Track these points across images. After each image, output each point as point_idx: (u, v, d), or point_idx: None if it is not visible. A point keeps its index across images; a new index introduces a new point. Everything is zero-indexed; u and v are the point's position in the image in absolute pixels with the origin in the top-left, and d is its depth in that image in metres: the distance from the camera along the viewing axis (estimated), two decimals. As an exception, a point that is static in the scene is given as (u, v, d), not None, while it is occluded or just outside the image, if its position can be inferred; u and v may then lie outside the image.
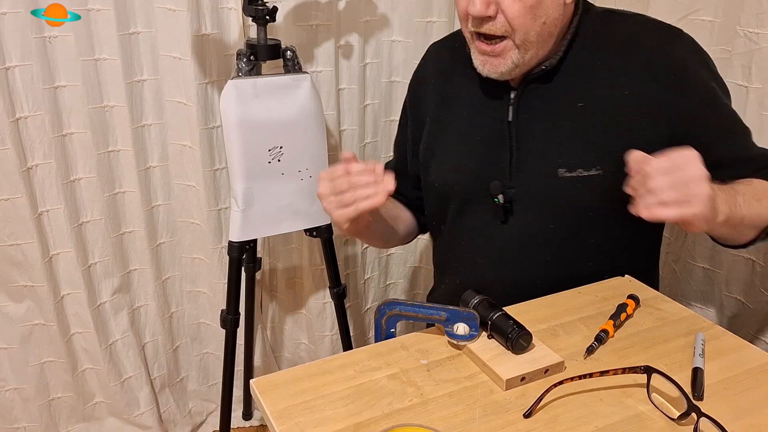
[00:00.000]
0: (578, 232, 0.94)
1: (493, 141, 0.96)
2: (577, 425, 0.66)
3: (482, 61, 0.90)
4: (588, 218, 0.93)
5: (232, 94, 1.17)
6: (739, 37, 1.20)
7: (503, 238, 0.97)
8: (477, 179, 0.97)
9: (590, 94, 0.91)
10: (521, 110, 0.94)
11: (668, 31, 0.92)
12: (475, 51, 0.91)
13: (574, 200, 0.92)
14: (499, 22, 0.85)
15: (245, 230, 1.28)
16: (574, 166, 0.90)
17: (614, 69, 0.90)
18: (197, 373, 1.73)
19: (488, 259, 1.00)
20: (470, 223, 1.01)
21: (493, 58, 0.89)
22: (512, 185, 0.94)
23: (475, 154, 0.98)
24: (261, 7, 1.18)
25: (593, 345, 0.78)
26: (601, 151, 0.90)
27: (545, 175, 0.92)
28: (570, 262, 0.96)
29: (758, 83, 1.19)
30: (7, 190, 1.32)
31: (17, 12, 1.21)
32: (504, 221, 0.96)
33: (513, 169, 0.95)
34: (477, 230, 1.00)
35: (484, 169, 0.97)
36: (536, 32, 0.86)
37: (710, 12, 1.24)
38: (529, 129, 0.94)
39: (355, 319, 1.81)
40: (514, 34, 0.85)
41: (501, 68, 0.89)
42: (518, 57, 0.87)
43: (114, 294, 1.53)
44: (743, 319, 1.32)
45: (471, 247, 1.02)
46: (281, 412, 0.68)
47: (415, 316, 0.81)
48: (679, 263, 1.43)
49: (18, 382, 1.51)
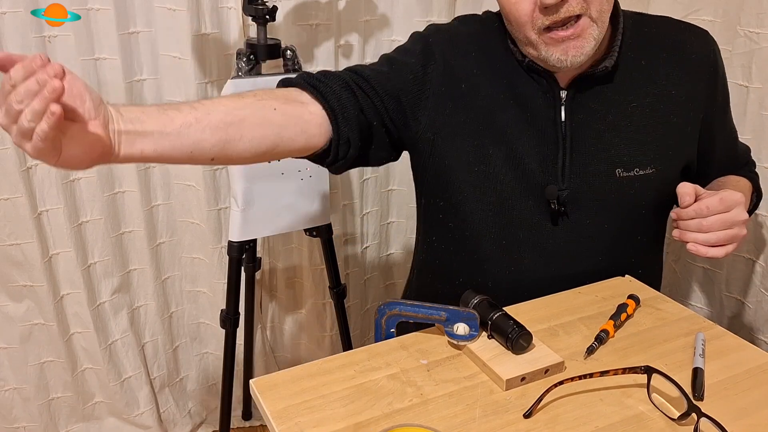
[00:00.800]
0: (630, 229, 0.96)
1: (547, 139, 0.92)
2: (577, 425, 0.66)
3: (563, 50, 0.83)
4: (641, 215, 0.95)
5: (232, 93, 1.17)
6: (739, 37, 1.20)
7: (553, 239, 0.94)
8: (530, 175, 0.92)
9: (641, 94, 0.91)
10: (575, 111, 0.91)
11: (703, 33, 0.96)
12: (550, 44, 0.84)
13: (631, 199, 0.93)
14: (574, 1, 0.80)
15: (245, 230, 1.28)
16: (631, 166, 0.91)
17: (660, 68, 0.92)
18: (197, 372, 1.73)
19: (536, 258, 0.95)
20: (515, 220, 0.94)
21: (574, 41, 0.83)
22: (565, 187, 0.92)
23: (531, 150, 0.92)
24: (261, 7, 1.18)
25: (593, 345, 0.78)
26: (655, 150, 0.91)
27: (602, 176, 0.91)
28: (617, 255, 0.96)
29: (758, 83, 1.19)
30: (7, 189, 1.32)
31: (17, 12, 1.21)
32: (555, 223, 0.93)
33: (566, 171, 0.92)
34: (523, 227, 0.94)
35: (537, 166, 0.92)
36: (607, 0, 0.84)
37: (710, 12, 1.24)
38: (583, 130, 0.91)
39: (355, 319, 1.81)
40: (590, 7, 0.81)
41: (586, 48, 0.83)
42: (597, 32, 0.84)
43: (114, 294, 1.52)
44: (743, 319, 1.32)
45: (516, 245, 0.95)
46: (281, 412, 0.67)
47: (415, 316, 0.80)
48: (679, 263, 1.43)
49: (18, 381, 1.51)
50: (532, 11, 0.82)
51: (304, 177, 1.28)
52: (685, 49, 0.92)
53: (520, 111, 0.92)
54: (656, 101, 0.91)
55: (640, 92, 0.91)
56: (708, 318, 0.85)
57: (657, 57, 0.92)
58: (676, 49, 0.92)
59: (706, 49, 0.94)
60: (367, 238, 1.74)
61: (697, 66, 0.92)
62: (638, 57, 0.92)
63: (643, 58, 0.92)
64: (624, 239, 0.96)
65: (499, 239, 0.96)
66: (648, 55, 0.92)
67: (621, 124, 0.91)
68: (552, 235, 0.94)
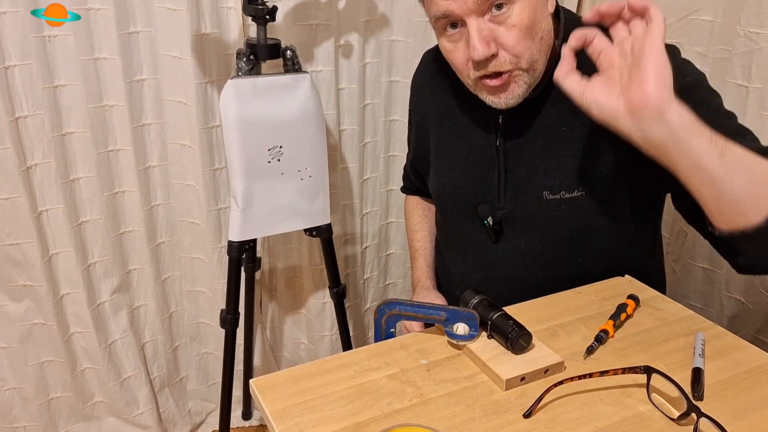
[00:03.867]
0: (566, 251, 0.96)
1: (484, 162, 0.98)
2: (577, 425, 0.66)
3: (495, 97, 0.88)
4: (573, 237, 0.95)
5: (231, 93, 1.17)
6: (740, 37, 1.20)
7: (497, 256, 1.00)
8: (470, 198, 1.00)
9: (573, 119, 0.90)
10: (508, 135, 0.95)
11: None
12: (483, 91, 0.89)
13: (559, 221, 0.94)
14: (502, 57, 0.83)
15: (245, 230, 1.28)
16: (557, 189, 0.92)
17: None
18: (197, 372, 1.73)
19: (483, 275, 1.03)
20: (465, 239, 1.04)
21: (505, 90, 0.87)
22: (502, 207, 0.97)
23: (468, 174, 1.00)
24: (261, 7, 1.18)
25: (593, 345, 0.78)
26: (584, 175, 0.91)
27: (532, 198, 0.94)
28: (561, 277, 0.96)
29: (758, 83, 1.19)
30: (7, 189, 1.32)
31: (17, 11, 1.21)
32: (495, 241, 0.99)
33: (501, 192, 0.97)
34: (471, 246, 1.03)
35: (476, 189, 0.99)
36: (537, 48, 0.85)
37: (710, 12, 1.24)
38: (515, 153, 0.95)
39: (355, 319, 1.81)
40: (521, 60, 0.84)
41: (516, 92, 0.87)
42: (529, 78, 0.86)
43: (113, 293, 1.52)
44: (743, 319, 1.32)
45: (466, 262, 1.05)
46: (281, 412, 0.68)
47: (415, 316, 0.81)
48: (679, 263, 1.43)
49: (17, 381, 1.51)
50: (465, 62, 0.87)
51: (304, 177, 1.28)
52: None
53: (463, 139, 1.00)
54: (588, 126, 0.90)
55: (572, 117, 0.90)
56: (708, 318, 0.85)
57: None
58: None
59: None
60: (367, 238, 1.74)
61: None
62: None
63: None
64: (565, 258, 0.96)
65: (457, 255, 1.07)
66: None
67: (550, 148, 0.93)
68: (494, 253, 1.00)
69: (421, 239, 1.20)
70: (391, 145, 1.64)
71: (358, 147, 1.59)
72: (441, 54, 1.03)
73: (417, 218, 1.23)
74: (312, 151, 1.28)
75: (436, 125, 1.06)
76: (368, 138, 1.61)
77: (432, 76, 1.08)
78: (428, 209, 1.24)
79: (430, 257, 1.18)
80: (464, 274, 1.06)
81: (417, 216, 1.23)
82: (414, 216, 1.24)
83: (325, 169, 1.31)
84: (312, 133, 1.26)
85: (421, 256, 1.18)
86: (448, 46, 0.88)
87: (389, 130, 1.62)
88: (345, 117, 1.55)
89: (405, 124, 1.22)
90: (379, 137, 1.62)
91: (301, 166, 1.27)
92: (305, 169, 1.28)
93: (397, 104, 1.59)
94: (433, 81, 1.08)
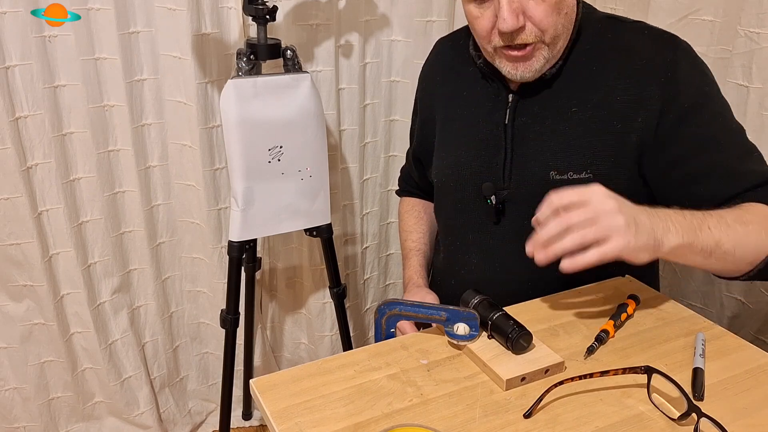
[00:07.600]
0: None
1: (491, 142, 0.98)
2: (577, 425, 0.66)
3: (514, 67, 0.90)
4: None
5: (232, 93, 1.17)
6: (740, 37, 1.20)
7: (496, 238, 0.99)
8: (472, 179, 0.99)
9: (584, 100, 0.92)
10: (518, 114, 0.96)
11: (664, 38, 0.92)
12: (503, 60, 0.90)
13: None
14: (529, 30, 0.86)
15: (245, 230, 1.28)
16: (565, 170, 0.92)
17: (609, 75, 0.91)
18: (197, 372, 1.73)
19: (482, 258, 1.02)
20: (465, 222, 1.03)
21: (525, 61, 0.89)
22: (506, 187, 0.96)
23: (473, 154, 1.00)
24: (261, 7, 1.18)
25: (593, 345, 0.78)
26: (592, 156, 0.91)
27: (537, 178, 0.94)
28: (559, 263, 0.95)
29: (758, 83, 1.19)
30: (7, 189, 1.32)
31: (17, 11, 1.21)
32: (497, 222, 0.98)
33: (507, 172, 0.96)
34: (471, 229, 1.02)
35: (480, 169, 0.99)
36: (562, 24, 0.88)
37: (710, 12, 1.24)
38: (523, 132, 0.95)
39: (355, 319, 1.81)
40: (545, 34, 0.86)
41: (534, 66, 0.89)
42: (548, 52, 0.89)
43: (114, 294, 1.52)
44: (743, 319, 1.32)
45: (465, 246, 1.04)
46: (281, 412, 0.68)
47: (415, 316, 0.81)
48: (679, 263, 1.43)
49: (18, 381, 1.51)
50: (490, 30, 0.88)
51: (304, 177, 1.28)
52: (634, 55, 0.91)
53: (470, 119, 1.01)
54: (598, 107, 0.91)
55: (583, 98, 0.92)
56: (708, 318, 0.85)
57: (608, 63, 0.92)
58: (626, 55, 0.91)
59: (661, 54, 0.89)
60: (367, 238, 1.74)
61: (647, 72, 0.89)
62: (590, 63, 0.93)
63: (595, 64, 0.93)
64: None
65: (455, 240, 1.06)
66: (601, 61, 0.93)
67: (559, 128, 0.93)
68: (494, 235, 0.99)
69: (417, 240, 1.19)
70: (392, 145, 1.64)
71: (358, 147, 1.59)
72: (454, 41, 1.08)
73: (413, 220, 1.23)
74: (312, 151, 1.28)
75: (443, 110, 1.07)
76: (368, 138, 1.61)
77: (445, 62, 1.10)
78: (425, 210, 1.23)
79: (425, 257, 1.17)
80: (463, 260, 1.04)
81: (413, 218, 1.23)
82: (410, 218, 1.23)
83: (325, 169, 1.31)
84: (312, 133, 1.26)
85: (414, 255, 1.17)
86: (474, 12, 0.89)
87: (389, 131, 1.62)
88: (345, 117, 1.55)
89: (406, 124, 1.22)
90: (379, 137, 1.62)
91: (302, 166, 1.27)
92: (305, 169, 1.28)
93: (397, 104, 1.59)
94: (443, 65, 1.09)
